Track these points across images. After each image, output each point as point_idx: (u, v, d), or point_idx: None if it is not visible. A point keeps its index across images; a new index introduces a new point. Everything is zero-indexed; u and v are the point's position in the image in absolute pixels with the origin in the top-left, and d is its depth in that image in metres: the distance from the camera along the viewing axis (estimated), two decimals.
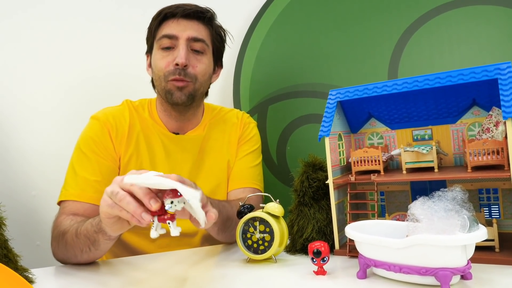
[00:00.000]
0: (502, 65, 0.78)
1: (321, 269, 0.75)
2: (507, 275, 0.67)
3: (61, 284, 0.83)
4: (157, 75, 1.16)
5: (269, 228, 0.85)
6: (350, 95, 0.92)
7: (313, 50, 1.57)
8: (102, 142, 1.13)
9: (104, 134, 1.14)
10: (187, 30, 1.14)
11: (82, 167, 1.10)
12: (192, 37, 1.14)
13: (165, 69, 1.13)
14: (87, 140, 1.14)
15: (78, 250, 0.91)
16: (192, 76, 1.14)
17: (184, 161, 1.20)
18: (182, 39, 1.13)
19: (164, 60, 1.14)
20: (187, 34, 1.14)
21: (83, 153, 1.12)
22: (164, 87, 1.15)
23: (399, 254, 0.64)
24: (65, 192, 1.09)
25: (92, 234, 0.86)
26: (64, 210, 1.05)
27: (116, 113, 1.19)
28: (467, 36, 1.43)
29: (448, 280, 0.61)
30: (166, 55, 1.14)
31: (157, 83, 1.18)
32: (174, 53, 1.13)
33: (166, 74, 1.14)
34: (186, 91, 1.14)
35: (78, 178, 1.09)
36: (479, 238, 0.60)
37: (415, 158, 0.86)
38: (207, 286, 0.74)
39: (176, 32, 1.13)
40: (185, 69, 1.12)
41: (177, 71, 1.12)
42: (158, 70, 1.15)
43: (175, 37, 1.13)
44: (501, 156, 0.77)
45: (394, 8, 1.50)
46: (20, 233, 1.42)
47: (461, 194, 0.63)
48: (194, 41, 1.15)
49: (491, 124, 0.82)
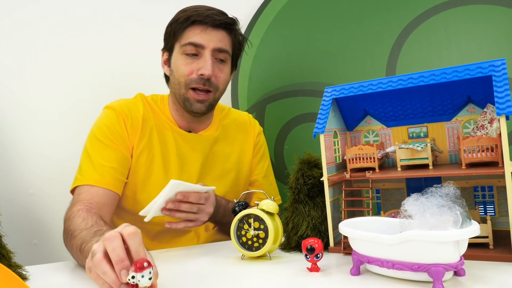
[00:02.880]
0: (496, 62, 0.78)
1: (315, 265, 0.75)
2: (500, 271, 0.67)
3: (55, 281, 0.83)
4: (177, 80, 1.16)
5: (263, 225, 0.85)
6: (345, 92, 0.92)
7: (311, 49, 1.58)
8: (117, 131, 1.13)
9: (119, 123, 1.14)
10: (214, 41, 1.14)
11: (98, 154, 1.10)
12: (218, 48, 1.15)
13: (188, 76, 1.14)
14: (102, 128, 1.13)
15: (79, 262, 0.88)
16: (215, 86, 1.16)
17: (194, 160, 1.21)
18: (208, 49, 1.13)
19: (188, 67, 1.14)
20: (213, 45, 1.14)
21: (98, 140, 1.12)
22: (183, 94, 1.16)
23: (392, 250, 0.64)
24: (81, 177, 1.07)
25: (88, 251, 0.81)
26: (79, 197, 1.03)
27: (131, 104, 1.19)
28: (465, 35, 1.43)
29: (441, 276, 0.60)
30: (190, 62, 1.14)
31: (175, 87, 1.18)
32: (199, 62, 1.14)
33: (187, 82, 1.14)
34: (207, 103, 1.17)
35: (95, 164, 1.08)
36: (472, 234, 0.60)
37: (410, 155, 0.86)
38: (201, 283, 0.74)
39: (203, 41, 1.13)
40: (209, 79, 1.13)
41: (201, 81, 1.13)
42: (179, 75, 1.15)
43: (201, 46, 1.13)
44: (495, 153, 0.77)
45: (393, 7, 1.50)
46: (17, 231, 1.42)
47: (453, 190, 0.63)
48: (218, 52, 1.15)
49: (485, 121, 0.82)
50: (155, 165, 1.16)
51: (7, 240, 0.82)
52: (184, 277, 0.79)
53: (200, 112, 1.17)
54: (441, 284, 0.60)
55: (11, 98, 1.48)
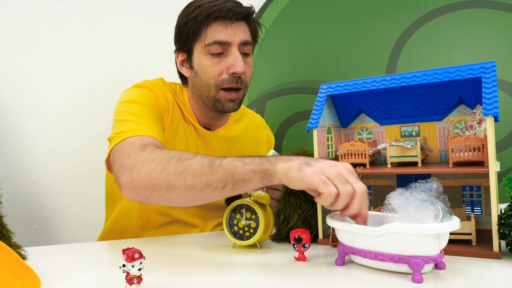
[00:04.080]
0: (487, 64, 0.80)
1: (302, 255, 0.78)
2: (480, 267, 0.69)
3: (53, 262, 0.86)
4: (206, 82, 1.11)
5: (255, 216, 0.88)
6: (340, 89, 0.94)
7: (313, 48, 1.60)
8: (155, 105, 1.08)
9: (157, 100, 1.10)
10: (238, 34, 1.09)
11: (142, 113, 1.03)
12: (243, 41, 1.10)
13: (218, 77, 1.09)
14: (139, 96, 1.07)
15: (204, 182, 0.80)
16: (245, 82, 1.13)
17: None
18: (235, 45, 1.08)
19: (217, 68, 1.09)
20: (238, 39, 1.09)
21: (138, 103, 1.05)
22: (213, 96, 1.11)
23: (375, 242, 0.66)
24: (127, 130, 0.96)
25: (244, 172, 0.78)
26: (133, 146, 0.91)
27: (159, 85, 1.15)
28: (466, 38, 1.45)
29: (420, 268, 0.63)
30: (218, 62, 1.09)
31: (203, 89, 1.13)
32: (228, 60, 1.09)
33: (218, 83, 1.10)
34: (238, 101, 1.14)
35: (142, 120, 1.00)
36: (451, 228, 0.62)
37: (400, 152, 0.88)
38: (191, 269, 0.77)
39: (228, 37, 1.07)
40: (240, 76, 1.10)
41: (233, 79, 1.09)
42: (208, 77, 1.10)
43: (227, 43, 1.08)
44: (482, 153, 0.79)
45: (395, 9, 1.52)
46: (19, 216, 1.46)
47: (436, 186, 0.65)
48: (244, 45, 1.11)
49: (474, 122, 0.84)
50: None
51: (9, 223, 0.85)
52: (175, 263, 0.82)
53: (232, 110, 1.15)
54: (420, 275, 0.62)
55: (16, 89, 1.51)
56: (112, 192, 1.23)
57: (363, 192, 0.70)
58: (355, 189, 0.70)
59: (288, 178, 0.74)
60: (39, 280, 0.68)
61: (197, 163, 0.81)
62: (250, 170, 0.77)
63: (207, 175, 0.79)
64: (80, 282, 0.71)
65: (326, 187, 0.69)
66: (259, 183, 0.78)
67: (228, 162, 0.80)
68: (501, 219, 0.73)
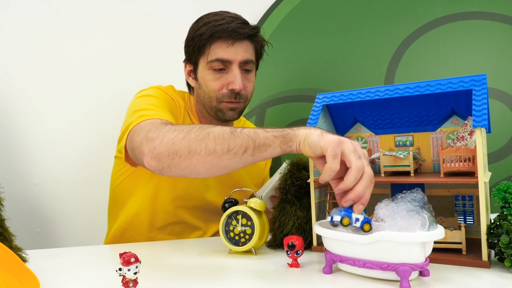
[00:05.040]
0: (477, 77, 0.82)
1: (295, 262, 0.79)
2: (467, 275, 0.71)
3: (54, 265, 0.88)
4: (208, 94, 1.18)
5: (250, 222, 0.90)
6: (335, 99, 0.97)
7: (313, 57, 1.62)
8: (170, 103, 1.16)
9: (171, 101, 1.18)
10: (240, 53, 1.15)
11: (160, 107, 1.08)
12: (244, 60, 1.16)
13: (218, 91, 1.16)
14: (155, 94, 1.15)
15: (225, 147, 0.82)
16: (245, 97, 1.20)
17: None
18: (236, 63, 1.15)
19: (218, 83, 1.16)
20: (240, 58, 1.15)
21: (155, 98, 1.12)
22: (215, 106, 1.19)
23: (363, 250, 0.68)
24: (146, 114, 1.00)
25: (266, 137, 0.81)
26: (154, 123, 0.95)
27: (171, 91, 1.23)
28: (463, 49, 1.47)
29: (408, 275, 0.64)
30: (219, 77, 1.16)
31: (206, 100, 1.20)
32: (228, 77, 1.15)
33: (219, 97, 1.17)
34: (238, 110, 1.21)
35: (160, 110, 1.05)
36: (437, 237, 0.64)
37: (393, 162, 0.90)
38: (187, 274, 0.79)
39: (229, 56, 1.14)
40: (239, 92, 1.16)
41: (232, 95, 1.16)
42: (209, 90, 1.17)
43: (228, 61, 1.15)
44: (473, 164, 0.81)
45: (394, 19, 1.54)
46: (21, 218, 1.48)
47: (421, 196, 0.67)
48: (245, 63, 1.17)
49: (465, 133, 0.85)
50: None
51: (10, 225, 0.87)
52: (171, 267, 0.84)
53: (232, 119, 1.21)
54: (407, 282, 0.64)
55: (19, 93, 1.54)
56: (118, 194, 1.26)
57: (371, 175, 0.73)
58: (366, 170, 0.72)
59: (307, 143, 0.76)
60: (39, 282, 0.70)
61: (218, 130, 0.84)
62: (272, 135, 0.80)
63: (228, 140, 0.82)
64: (78, 285, 0.73)
65: (334, 160, 0.71)
66: (279, 148, 0.80)
67: (250, 130, 0.83)
68: (490, 229, 0.75)
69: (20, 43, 1.55)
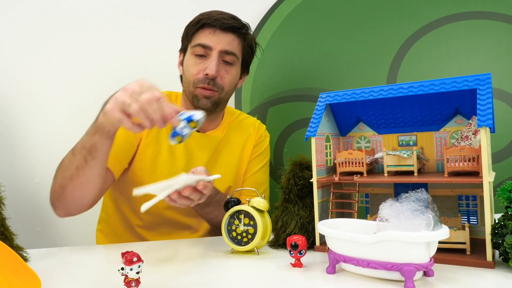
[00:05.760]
0: (482, 76, 0.82)
1: (298, 261, 0.79)
2: (472, 275, 0.70)
3: (55, 264, 0.87)
4: (187, 79, 1.23)
5: (253, 222, 0.89)
6: (339, 98, 0.96)
7: (315, 56, 1.62)
8: None
9: None
10: (221, 43, 1.20)
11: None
12: (225, 50, 1.21)
13: (196, 76, 1.20)
14: None
15: (74, 169, 0.97)
16: (220, 86, 1.22)
17: (200, 158, 1.26)
18: (215, 50, 1.19)
19: (196, 68, 1.20)
20: (220, 47, 1.20)
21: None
22: (192, 92, 1.22)
23: (368, 250, 0.68)
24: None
25: (88, 139, 0.94)
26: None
27: None
28: (466, 49, 1.46)
29: (412, 275, 0.64)
30: (199, 63, 1.21)
31: (186, 86, 1.25)
32: (206, 63, 1.20)
33: (195, 81, 1.21)
34: (212, 100, 1.22)
35: None
36: (442, 236, 0.64)
37: (397, 161, 0.89)
38: (189, 273, 0.78)
39: (210, 43, 1.19)
40: (214, 79, 1.19)
41: (206, 80, 1.19)
42: (188, 75, 1.22)
43: (209, 48, 1.19)
44: (477, 163, 0.80)
45: (396, 19, 1.54)
46: (22, 218, 1.48)
47: (426, 196, 0.67)
48: (226, 54, 1.21)
49: (470, 132, 0.85)
50: (161, 158, 1.22)
51: (11, 225, 0.87)
52: (173, 267, 0.83)
53: (205, 107, 1.21)
54: (412, 283, 0.64)
55: (21, 91, 1.54)
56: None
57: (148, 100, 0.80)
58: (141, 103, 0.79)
59: (104, 121, 0.88)
60: (40, 281, 0.70)
61: (66, 158, 1.00)
62: (89, 136, 0.93)
63: (73, 161, 0.97)
64: (80, 284, 0.73)
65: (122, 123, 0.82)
66: (100, 139, 0.92)
67: (80, 141, 0.97)
68: (494, 229, 0.74)
69: (21, 41, 1.54)
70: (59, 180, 1.01)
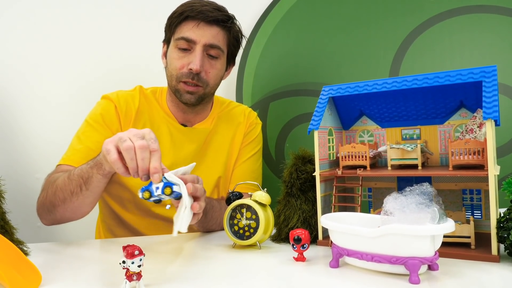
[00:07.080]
0: (487, 68, 0.81)
1: (301, 255, 0.78)
2: (477, 269, 0.69)
3: (55, 258, 0.87)
4: (170, 73, 1.19)
5: (255, 216, 0.88)
6: (342, 91, 0.95)
7: (317, 51, 1.60)
8: (110, 120, 1.18)
9: (113, 112, 1.19)
10: (205, 36, 1.15)
11: (87, 137, 1.15)
12: (209, 44, 1.16)
13: (179, 70, 1.17)
14: (96, 115, 1.19)
15: (68, 193, 0.96)
16: (204, 81, 1.18)
17: (189, 152, 1.24)
18: (200, 44, 1.15)
19: (179, 61, 1.17)
20: (204, 40, 1.15)
21: (90, 125, 1.17)
22: (174, 86, 1.19)
23: (372, 243, 0.67)
24: (66, 157, 1.14)
25: (86, 170, 0.93)
26: (59, 168, 1.11)
27: (127, 96, 1.23)
28: (469, 43, 1.45)
29: (417, 269, 0.63)
30: (182, 56, 1.17)
31: (169, 79, 1.21)
32: (190, 57, 1.16)
33: (179, 75, 1.17)
34: (197, 95, 1.19)
35: (82, 146, 1.13)
36: (447, 230, 0.63)
37: (400, 155, 0.88)
38: (193, 268, 0.78)
39: (194, 36, 1.15)
40: (198, 74, 1.16)
41: (190, 75, 1.16)
42: (172, 68, 1.19)
43: (193, 41, 1.15)
44: (482, 157, 0.79)
45: (398, 13, 1.52)
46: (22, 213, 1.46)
47: (430, 189, 0.66)
48: (210, 47, 1.17)
49: (475, 125, 0.84)
50: None
51: (12, 219, 0.86)
52: (175, 261, 0.82)
53: (189, 103, 1.19)
54: (417, 276, 0.63)
55: (22, 85, 1.53)
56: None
57: (142, 145, 0.77)
58: (136, 145, 0.77)
59: (102, 156, 0.87)
60: (40, 275, 0.69)
61: (61, 179, 0.99)
62: (89, 167, 0.93)
63: (68, 185, 0.96)
64: (80, 279, 0.72)
65: (108, 154, 0.79)
66: (97, 174, 0.91)
67: (79, 168, 0.96)
68: (500, 223, 0.74)
69: (22, 37, 1.53)
70: (51, 197, 1.01)
